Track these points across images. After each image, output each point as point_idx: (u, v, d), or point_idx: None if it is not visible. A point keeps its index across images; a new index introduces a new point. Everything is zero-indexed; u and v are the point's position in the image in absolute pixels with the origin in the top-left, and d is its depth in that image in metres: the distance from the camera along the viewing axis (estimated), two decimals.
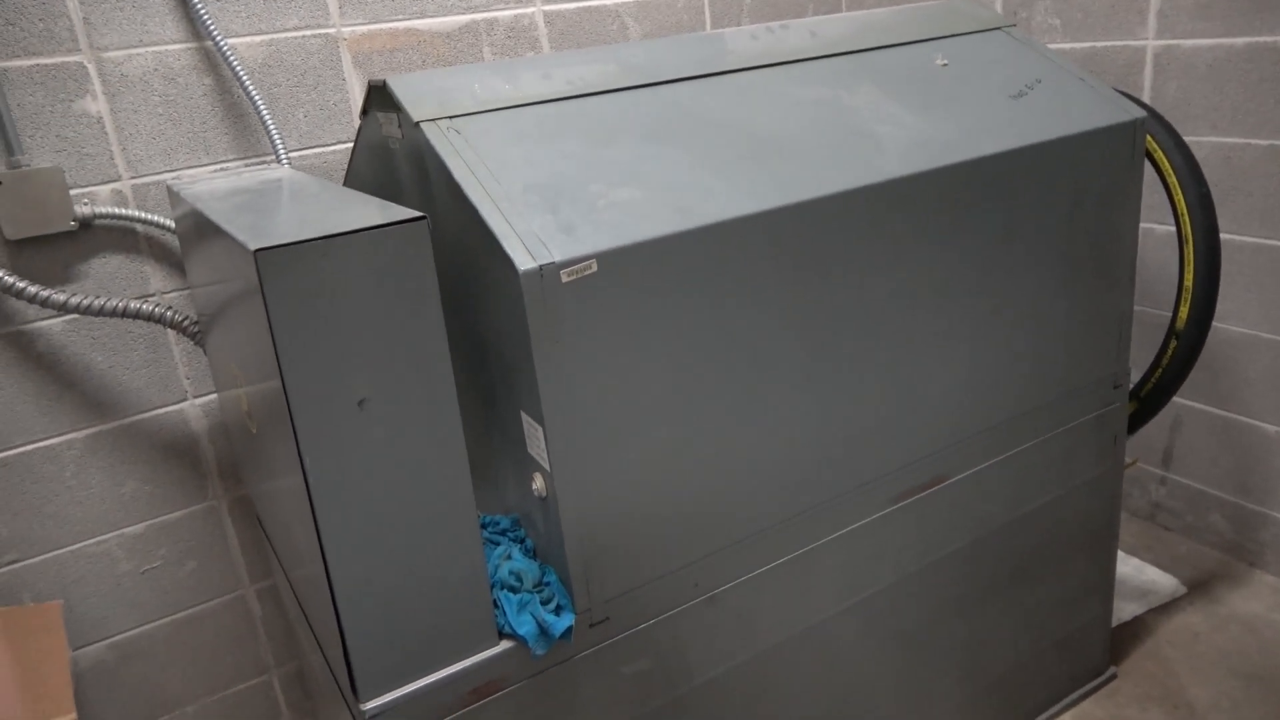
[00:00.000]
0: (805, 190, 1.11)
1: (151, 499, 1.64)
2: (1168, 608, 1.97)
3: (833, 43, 1.38)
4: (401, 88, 1.11)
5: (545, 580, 1.09)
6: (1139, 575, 2.06)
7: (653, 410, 1.06)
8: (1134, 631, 1.91)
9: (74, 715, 1.30)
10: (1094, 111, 1.38)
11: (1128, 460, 1.68)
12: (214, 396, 1.65)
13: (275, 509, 1.25)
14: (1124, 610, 1.96)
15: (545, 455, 1.02)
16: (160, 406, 1.61)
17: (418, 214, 0.88)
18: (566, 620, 1.05)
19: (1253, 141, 1.82)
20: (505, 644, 1.05)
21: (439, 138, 1.06)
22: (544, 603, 1.06)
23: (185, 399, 1.63)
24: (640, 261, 1.00)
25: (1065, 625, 1.66)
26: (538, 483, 1.06)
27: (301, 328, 0.84)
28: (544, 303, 0.95)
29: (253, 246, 0.81)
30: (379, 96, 1.17)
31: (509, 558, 1.10)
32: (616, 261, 0.98)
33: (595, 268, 0.97)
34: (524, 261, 0.94)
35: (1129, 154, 1.40)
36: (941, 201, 1.22)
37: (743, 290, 1.08)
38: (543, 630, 1.04)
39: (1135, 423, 1.72)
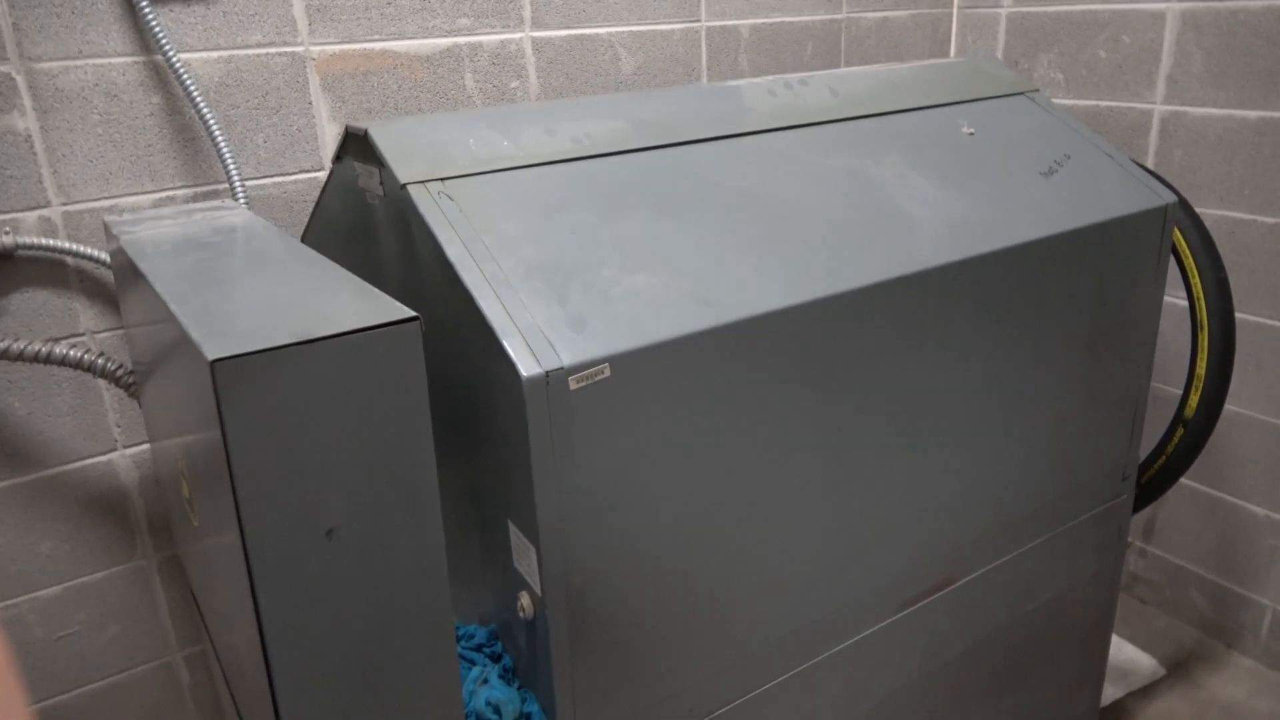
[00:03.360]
0: (839, 280, 1.00)
1: (71, 558, 1.47)
2: (1147, 690, 1.92)
3: (855, 103, 1.27)
4: (386, 141, 0.97)
5: (526, 710, 0.96)
6: (1118, 654, 2.00)
7: (659, 525, 0.94)
8: (1114, 717, 1.85)
9: None
10: (1125, 194, 1.29)
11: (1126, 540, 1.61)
12: (148, 446, 1.48)
13: (213, 596, 1.10)
14: (1105, 693, 1.89)
15: (536, 577, 0.89)
16: (86, 457, 1.44)
17: (409, 314, 0.74)
18: None
19: (1259, 218, 1.76)
20: None
21: (429, 204, 0.92)
22: None
23: (115, 449, 1.46)
24: (657, 362, 0.88)
25: (1057, 718, 1.58)
26: (524, 603, 0.93)
27: (263, 448, 0.70)
28: (548, 412, 0.82)
29: (210, 354, 0.67)
30: (358, 146, 1.03)
31: (485, 682, 0.97)
32: (632, 364, 0.86)
33: (608, 372, 0.85)
34: (528, 366, 0.81)
35: (1158, 239, 1.32)
36: (972, 290, 1.12)
37: (762, 390, 0.97)
38: None
39: (1134, 507, 1.64)
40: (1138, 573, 2.17)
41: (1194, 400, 1.52)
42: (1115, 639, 2.05)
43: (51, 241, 1.31)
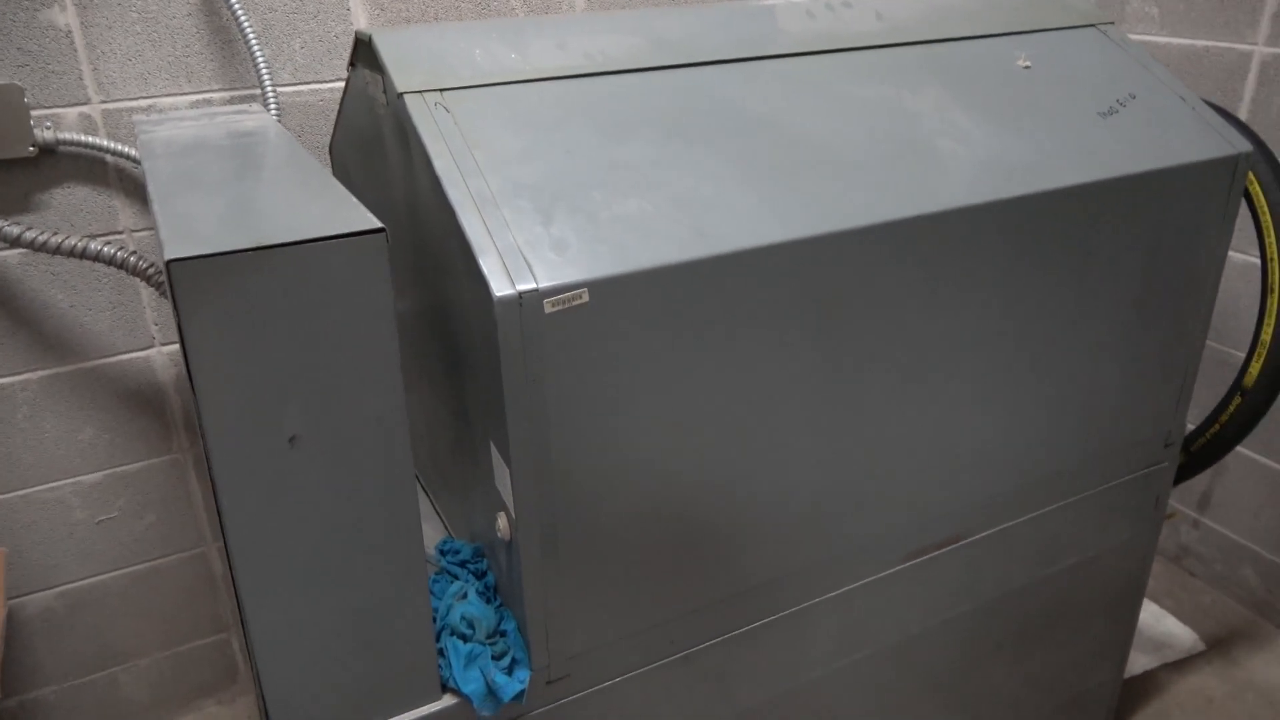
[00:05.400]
0: (846, 217, 0.95)
1: (111, 448, 1.53)
2: (1182, 664, 1.85)
3: (901, 29, 1.19)
4: (388, 47, 0.95)
5: (502, 628, 0.97)
6: (1157, 625, 1.93)
7: (638, 454, 0.92)
8: (1144, 688, 1.79)
9: None
10: (1192, 140, 1.19)
11: (1167, 511, 1.53)
12: None
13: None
14: (1136, 662, 1.83)
15: (510, 498, 0.89)
16: (125, 352, 1.49)
17: (375, 225, 0.73)
18: (519, 683, 0.93)
19: None
20: (448, 699, 0.94)
21: (424, 115, 0.90)
22: (497, 657, 0.94)
23: (152, 345, 1.51)
24: (640, 291, 0.85)
25: (1075, 686, 1.54)
26: (501, 524, 0.93)
27: (222, 353, 0.71)
28: (521, 335, 0.81)
29: (168, 255, 0.67)
30: (365, 53, 1.01)
31: (464, 597, 0.98)
32: (612, 290, 0.83)
33: (586, 297, 0.82)
34: (501, 286, 0.79)
35: (1225, 192, 1.22)
36: (1003, 235, 1.06)
37: (757, 325, 0.93)
38: (491, 691, 0.92)
39: (1179, 476, 1.56)
40: (1189, 545, 2.08)
41: (1255, 369, 1.42)
42: (1156, 609, 1.97)
43: (91, 139, 1.34)
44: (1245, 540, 1.96)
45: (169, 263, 0.67)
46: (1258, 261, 1.79)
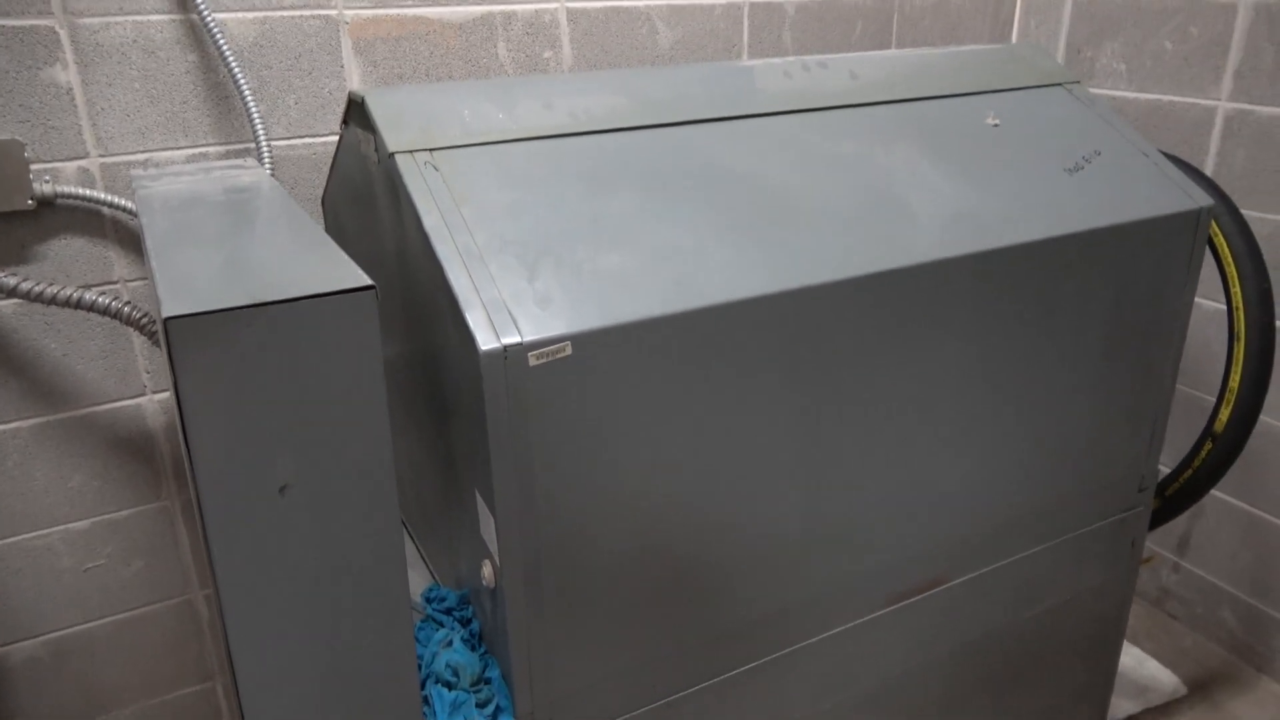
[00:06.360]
0: (823, 271, 0.98)
1: (100, 495, 1.54)
2: (1165, 708, 1.86)
3: (875, 88, 1.24)
4: (380, 108, 0.98)
5: (486, 676, 0.98)
6: (1139, 668, 1.94)
7: (622, 503, 0.94)
8: None
9: None
10: (1155, 195, 1.24)
11: (1144, 556, 1.56)
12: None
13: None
14: (1119, 708, 1.84)
15: (495, 546, 0.91)
16: (116, 400, 1.51)
17: (365, 282, 0.76)
18: None
19: None
20: None
21: (414, 174, 0.93)
22: (481, 704, 0.95)
23: (144, 393, 1.52)
24: (622, 343, 0.88)
25: None
26: (486, 571, 0.95)
27: (215, 405, 0.73)
28: (506, 387, 0.83)
29: (165, 312, 0.69)
30: (358, 112, 1.04)
31: (449, 645, 1.00)
32: (595, 343, 0.86)
33: (569, 350, 0.85)
34: (487, 339, 0.82)
35: (1189, 244, 1.26)
36: (974, 287, 1.09)
37: (736, 375, 0.96)
38: None
39: (1155, 521, 1.59)
40: (1169, 588, 2.10)
41: (1225, 414, 1.46)
42: (1137, 653, 1.99)
43: (89, 192, 1.37)
44: (1223, 583, 1.98)
45: (166, 320, 0.69)
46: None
